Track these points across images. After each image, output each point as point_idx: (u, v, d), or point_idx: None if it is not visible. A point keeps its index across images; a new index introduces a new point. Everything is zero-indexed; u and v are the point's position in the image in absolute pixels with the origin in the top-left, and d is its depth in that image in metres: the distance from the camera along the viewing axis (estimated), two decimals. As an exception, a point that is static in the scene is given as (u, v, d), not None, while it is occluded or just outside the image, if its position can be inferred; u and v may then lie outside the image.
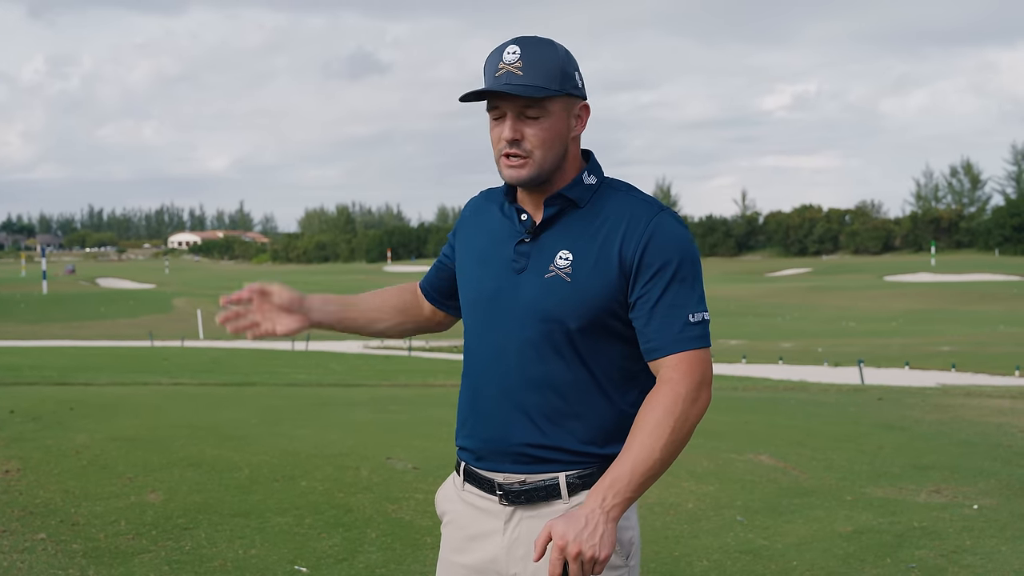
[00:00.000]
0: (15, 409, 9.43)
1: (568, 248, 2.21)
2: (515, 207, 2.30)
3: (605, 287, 2.18)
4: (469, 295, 2.34)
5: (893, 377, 21.39)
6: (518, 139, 2.16)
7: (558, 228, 2.24)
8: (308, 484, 6.64)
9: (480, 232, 2.37)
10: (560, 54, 2.19)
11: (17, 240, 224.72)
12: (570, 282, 2.19)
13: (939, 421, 10.21)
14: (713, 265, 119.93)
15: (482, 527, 2.30)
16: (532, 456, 2.23)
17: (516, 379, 2.23)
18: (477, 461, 2.31)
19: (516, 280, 2.24)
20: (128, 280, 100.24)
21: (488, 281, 2.28)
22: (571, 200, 2.24)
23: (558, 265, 2.20)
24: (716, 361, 28.00)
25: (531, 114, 2.16)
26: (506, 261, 2.26)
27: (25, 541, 5.22)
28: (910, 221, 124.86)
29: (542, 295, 2.20)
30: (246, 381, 15.88)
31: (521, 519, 2.25)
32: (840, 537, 5.62)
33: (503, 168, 2.21)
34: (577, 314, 2.18)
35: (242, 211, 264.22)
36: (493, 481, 2.27)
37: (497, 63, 2.16)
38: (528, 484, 2.24)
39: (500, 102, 2.17)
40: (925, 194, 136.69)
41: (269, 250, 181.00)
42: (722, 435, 8.92)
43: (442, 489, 2.46)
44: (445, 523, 2.41)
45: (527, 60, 2.13)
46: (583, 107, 2.25)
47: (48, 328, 48.34)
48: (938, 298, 61.77)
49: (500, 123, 2.19)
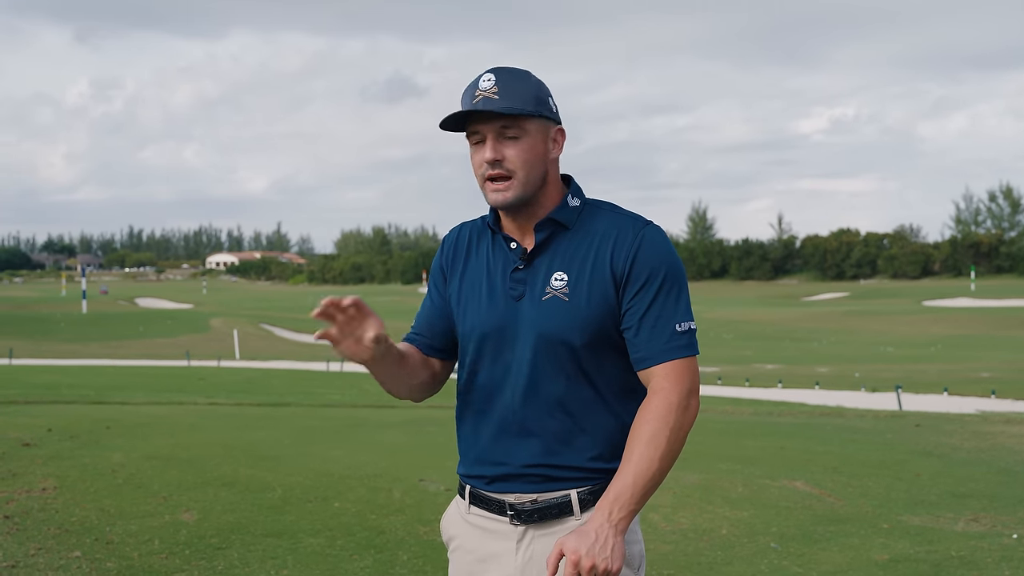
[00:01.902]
0: (53, 427, 9.53)
1: (562, 269, 2.26)
2: (502, 236, 2.34)
3: (603, 302, 2.23)
4: (471, 328, 2.33)
5: (931, 403, 21.16)
6: (499, 159, 2.22)
7: (550, 251, 2.29)
8: (341, 505, 6.66)
9: (470, 266, 2.39)
10: (533, 81, 2.26)
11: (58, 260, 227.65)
12: (568, 301, 2.23)
13: (978, 448, 10.06)
14: (749, 289, 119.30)
15: (492, 549, 2.31)
16: (543, 476, 2.27)
17: (524, 403, 2.26)
18: (487, 485, 2.32)
19: (516, 307, 2.27)
20: (166, 300, 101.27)
21: (489, 312, 2.30)
22: (560, 223, 2.29)
23: (554, 287, 2.25)
24: (752, 386, 27.85)
25: (510, 134, 2.22)
26: (503, 290, 2.30)
27: (60, 559, 5.26)
28: (949, 245, 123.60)
29: (543, 317, 2.24)
30: (281, 401, 15.97)
31: (534, 538, 2.27)
32: (876, 566, 5.54)
33: (488, 193, 2.26)
34: (579, 331, 2.23)
35: (279, 232, 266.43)
36: (504, 502, 2.29)
37: (473, 91, 2.22)
38: (540, 503, 2.27)
39: (479, 125, 2.23)
40: (965, 218, 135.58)
41: (305, 271, 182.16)
42: (757, 460, 8.85)
43: (447, 515, 2.47)
44: (453, 548, 2.42)
45: (502, 85, 2.20)
46: (559, 131, 2.32)
47: (87, 347, 48.92)
48: (978, 323, 61.07)
49: (480, 147, 2.25)
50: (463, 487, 2.39)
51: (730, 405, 18.10)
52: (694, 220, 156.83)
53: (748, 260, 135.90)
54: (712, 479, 7.84)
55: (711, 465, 8.49)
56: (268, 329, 62.69)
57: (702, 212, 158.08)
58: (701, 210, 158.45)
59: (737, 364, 38.21)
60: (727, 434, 11.00)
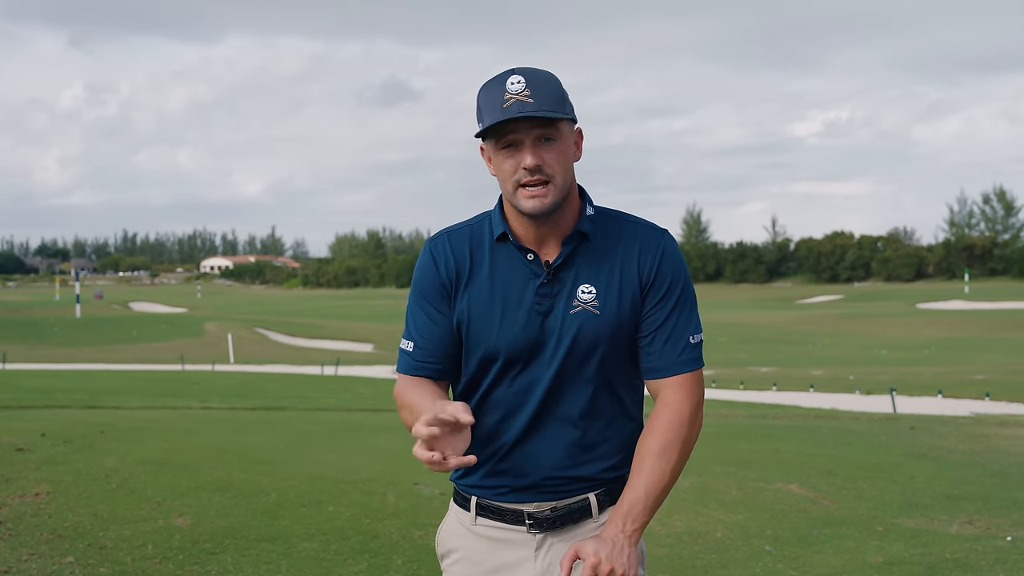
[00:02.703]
0: (46, 432, 9.50)
1: (588, 281, 2.22)
2: (517, 246, 2.24)
3: (633, 310, 2.22)
4: (493, 346, 2.23)
5: (926, 406, 21.19)
6: (540, 164, 2.14)
7: (574, 263, 2.24)
8: (335, 509, 6.64)
9: (477, 280, 2.26)
10: (557, 80, 2.20)
11: (52, 264, 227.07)
12: (599, 314, 2.21)
13: (972, 451, 10.08)
14: (743, 292, 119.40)
15: (505, 558, 2.28)
16: (565, 487, 2.26)
17: (547, 416, 2.24)
18: (501, 496, 2.28)
19: (543, 322, 2.22)
20: (160, 304, 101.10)
21: (515, 328, 2.21)
22: (584, 235, 2.25)
23: (583, 300, 2.21)
24: (746, 388, 27.87)
25: (548, 137, 2.16)
26: (528, 305, 2.23)
27: (53, 564, 5.24)
28: (943, 248, 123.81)
29: (575, 331, 2.20)
30: (275, 405, 15.94)
31: (552, 544, 2.26)
32: (871, 568, 5.54)
33: (523, 199, 2.16)
34: (611, 343, 2.21)
35: (273, 236, 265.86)
36: (521, 512, 2.27)
37: (502, 94, 2.13)
38: (559, 509, 2.26)
39: (515, 131, 2.14)
40: (958, 221, 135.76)
41: (300, 275, 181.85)
42: (752, 464, 8.85)
43: (445, 527, 2.40)
44: (453, 561, 2.36)
45: (533, 87, 2.13)
46: (579, 132, 2.28)
47: (81, 351, 48.82)
48: (972, 326, 61.14)
49: (515, 152, 2.16)
50: (466, 498, 2.34)
51: (725, 408, 18.10)
52: (688, 223, 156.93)
53: (742, 263, 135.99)
54: (707, 482, 7.84)
55: (706, 468, 8.48)
56: (263, 333, 62.58)
57: (696, 215, 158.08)
58: (696, 213, 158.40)
59: (732, 367, 38.23)
60: (722, 437, 10.99)
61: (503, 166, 2.18)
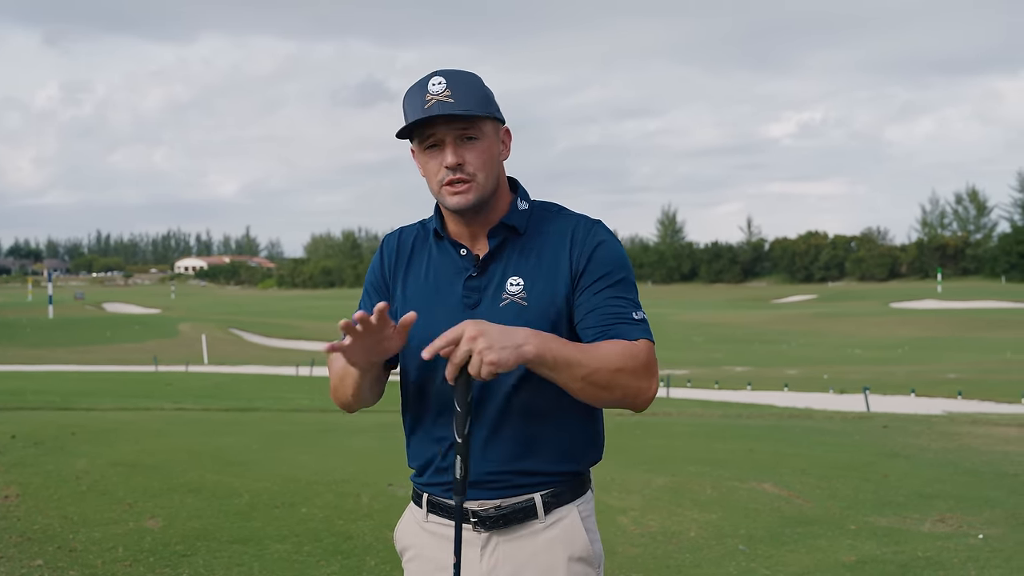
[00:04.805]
0: (16, 434, 9.40)
1: (516, 274, 2.24)
2: (451, 242, 2.29)
3: (564, 304, 2.22)
4: (423, 339, 2.15)
5: (899, 404, 21.32)
6: (461, 163, 2.19)
7: (503, 257, 2.27)
8: (308, 511, 6.61)
9: (412, 272, 2.33)
10: (480, 81, 2.24)
11: (24, 265, 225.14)
12: (527, 305, 2.21)
13: (945, 449, 10.14)
14: (719, 292, 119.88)
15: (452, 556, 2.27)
16: (507, 483, 2.24)
17: (485, 411, 2.22)
18: (447, 492, 2.27)
19: (471, 315, 2.20)
20: (134, 305, 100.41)
21: (442, 321, 2.16)
22: (512, 228, 2.27)
23: (511, 292, 2.23)
24: (721, 388, 27.96)
25: (469, 136, 2.19)
26: (456, 298, 2.25)
27: (22, 568, 5.19)
28: (916, 248, 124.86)
29: (502, 323, 2.16)
30: (249, 406, 15.85)
31: (498, 543, 2.25)
32: (843, 567, 5.57)
33: (447, 197, 2.21)
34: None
35: (248, 236, 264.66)
36: (467, 509, 2.24)
37: (423, 95, 2.18)
38: (505, 508, 2.24)
39: (437, 130, 2.18)
40: (931, 221, 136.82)
41: (275, 275, 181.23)
42: (725, 463, 8.87)
43: (401, 525, 2.43)
44: (409, 558, 2.38)
45: (454, 88, 2.17)
46: (506, 132, 2.31)
47: (54, 352, 48.40)
48: (944, 325, 61.62)
49: (437, 152, 2.21)
50: (419, 495, 2.36)
51: (699, 407, 18.16)
52: (664, 223, 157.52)
53: (718, 263, 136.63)
54: (681, 481, 7.85)
55: (680, 468, 8.50)
56: (237, 334, 62.28)
57: (672, 215, 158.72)
58: (671, 213, 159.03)
59: (706, 367, 38.36)
60: (696, 436, 11.02)
61: (428, 165, 2.24)
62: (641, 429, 11.70)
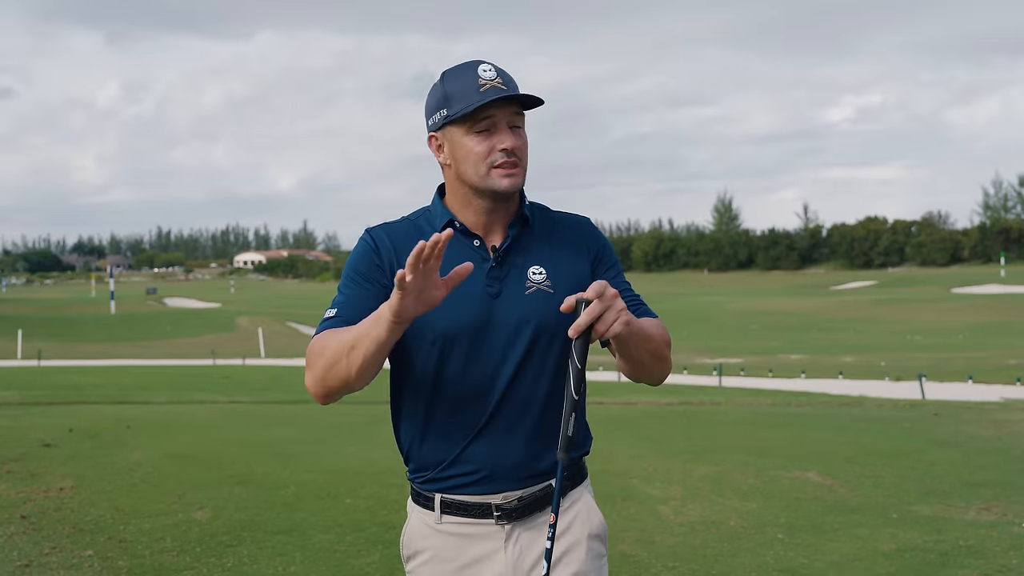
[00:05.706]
0: (74, 427, 9.66)
1: (537, 264, 2.27)
2: (464, 232, 2.27)
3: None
4: (443, 331, 2.19)
5: (955, 392, 21.01)
6: (516, 147, 2.21)
7: (519, 248, 2.29)
8: (352, 502, 6.72)
9: None
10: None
11: (88, 262, 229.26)
12: (553, 293, 2.24)
13: (996, 437, 10.00)
14: (776, 279, 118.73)
15: (474, 553, 2.28)
16: (533, 471, 2.27)
17: (510, 403, 2.24)
18: (466, 490, 2.27)
19: (495, 305, 2.22)
20: (194, 299, 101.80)
21: (466, 312, 2.19)
22: (527, 219, 2.31)
23: (535, 280, 2.25)
24: (775, 376, 27.75)
25: (517, 123, 2.23)
26: (479, 288, 2.23)
27: (73, 558, 5.35)
28: (978, 232, 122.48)
29: (530, 311, 2.22)
30: (301, 399, 16.05)
31: (520, 534, 2.27)
32: (882, 556, 5.55)
33: (499, 179, 2.19)
34: (567, 322, 2.16)
35: (306, 230, 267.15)
36: (489, 504, 2.26)
37: (475, 80, 2.18)
38: (526, 499, 2.27)
39: (494, 112, 2.19)
40: (994, 204, 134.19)
41: (332, 268, 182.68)
42: (770, 452, 8.85)
43: (409, 530, 2.37)
44: (422, 562, 2.32)
45: (502, 75, 2.21)
46: None
47: (116, 347, 49.28)
48: (1007, 310, 60.47)
49: (489, 135, 2.19)
50: (429, 497, 2.31)
51: (750, 396, 18.06)
52: (719, 211, 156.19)
53: (775, 250, 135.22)
54: (724, 471, 7.85)
55: (724, 457, 8.50)
56: (294, 327, 62.91)
57: (728, 202, 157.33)
58: (727, 200, 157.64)
59: (761, 355, 38.09)
60: (742, 425, 10.99)
61: (475, 149, 2.20)
62: (687, 419, 11.70)
